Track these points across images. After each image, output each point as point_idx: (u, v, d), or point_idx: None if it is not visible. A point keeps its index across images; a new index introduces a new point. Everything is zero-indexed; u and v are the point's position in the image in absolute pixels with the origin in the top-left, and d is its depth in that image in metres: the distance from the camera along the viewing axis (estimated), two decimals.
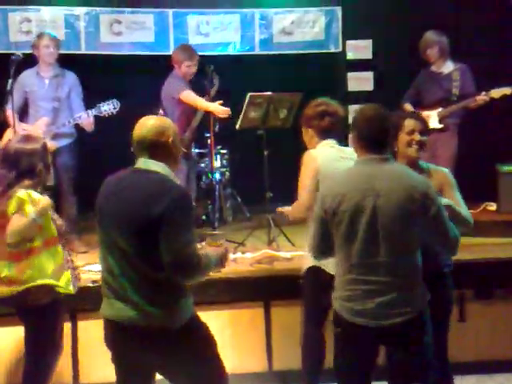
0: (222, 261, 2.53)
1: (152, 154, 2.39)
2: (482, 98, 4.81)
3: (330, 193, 2.53)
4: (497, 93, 4.80)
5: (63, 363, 3.34)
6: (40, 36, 4.77)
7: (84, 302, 3.51)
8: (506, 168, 5.23)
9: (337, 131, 3.25)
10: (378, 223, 2.44)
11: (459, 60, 5.07)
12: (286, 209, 3.36)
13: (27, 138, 3.02)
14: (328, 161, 3.10)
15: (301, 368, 3.33)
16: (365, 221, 2.45)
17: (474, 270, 3.97)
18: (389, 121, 2.59)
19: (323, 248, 2.64)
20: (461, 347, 3.84)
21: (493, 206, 5.18)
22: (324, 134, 3.20)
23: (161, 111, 4.95)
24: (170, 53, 5.26)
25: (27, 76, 4.75)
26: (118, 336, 2.42)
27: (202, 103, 4.84)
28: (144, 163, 2.40)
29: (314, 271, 3.13)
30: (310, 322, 3.29)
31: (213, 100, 4.93)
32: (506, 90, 4.79)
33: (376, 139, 2.52)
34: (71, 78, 4.80)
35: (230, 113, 4.73)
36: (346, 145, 3.36)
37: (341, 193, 2.49)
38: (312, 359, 3.30)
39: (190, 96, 4.83)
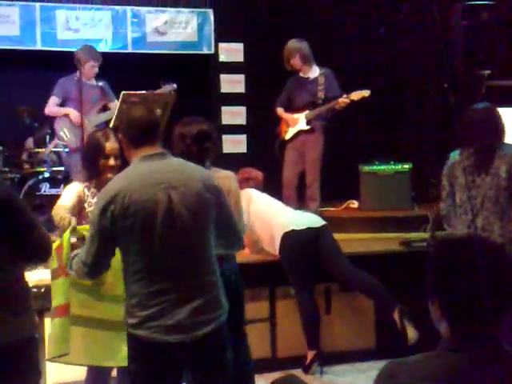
0: None
1: None
2: (343, 100, 4.98)
3: (115, 199, 2.20)
4: (356, 95, 4.96)
5: None
6: None
7: None
8: (367, 168, 5.62)
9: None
10: (176, 218, 2.21)
11: (324, 64, 5.28)
12: None
13: None
14: None
15: None
16: (161, 219, 2.19)
17: None
18: (156, 115, 2.52)
19: (104, 264, 2.32)
20: (328, 338, 4.05)
21: (355, 204, 5.51)
22: None
23: None
24: (37, 48, 5.05)
25: None
26: None
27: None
28: None
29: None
30: (302, 290, 3.93)
31: None
32: (365, 93, 4.95)
33: (151, 135, 2.36)
34: None
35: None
36: None
37: (127, 195, 2.19)
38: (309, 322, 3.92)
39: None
